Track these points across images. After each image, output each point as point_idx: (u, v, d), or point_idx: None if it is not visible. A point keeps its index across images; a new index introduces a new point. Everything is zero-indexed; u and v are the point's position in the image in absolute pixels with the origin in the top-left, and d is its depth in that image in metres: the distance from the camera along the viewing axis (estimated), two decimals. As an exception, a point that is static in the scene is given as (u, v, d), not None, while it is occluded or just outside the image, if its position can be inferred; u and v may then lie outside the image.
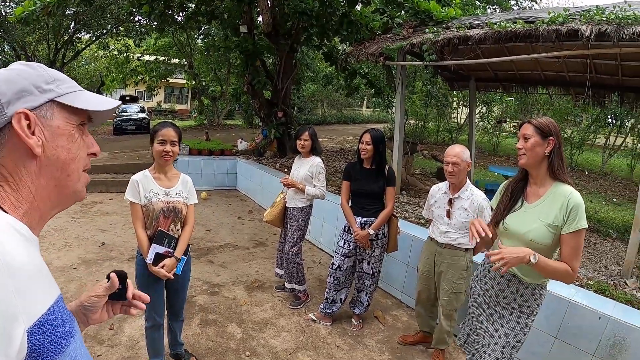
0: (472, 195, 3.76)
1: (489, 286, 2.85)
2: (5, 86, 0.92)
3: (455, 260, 3.83)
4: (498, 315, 2.81)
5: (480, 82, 9.65)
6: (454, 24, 6.39)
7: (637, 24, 4.38)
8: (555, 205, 2.54)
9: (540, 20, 5.13)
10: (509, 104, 16.55)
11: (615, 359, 3.49)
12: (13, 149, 0.93)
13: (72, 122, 1.02)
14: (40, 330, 0.84)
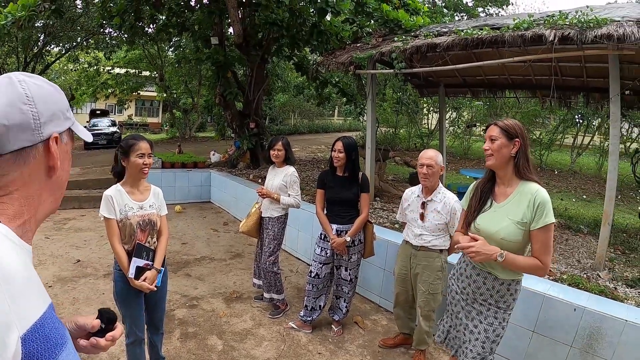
0: (445, 198, 3.86)
1: (466, 284, 2.92)
2: (42, 106, 0.98)
3: (430, 261, 3.92)
4: (476, 312, 2.88)
5: (449, 88, 9.82)
6: (422, 32, 6.52)
7: (598, 27, 4.54)
8: (523, 203, 2.63)
9: (505, 27, 5.28)
10: (478, 109, 16.84)
11: (593, 347, 3.61)
12: (36, 166, 0.99)
13: (71, 147, 1.13)
14: (34, 337, 0.84)
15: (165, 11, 10.88)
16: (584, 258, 5.44)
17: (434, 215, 3.87)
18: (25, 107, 0.94)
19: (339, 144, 4.40)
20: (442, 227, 3.85)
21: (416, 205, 4.00)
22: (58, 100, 1.03)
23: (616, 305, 3.78)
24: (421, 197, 3.97)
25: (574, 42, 4.65)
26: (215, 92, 11.60)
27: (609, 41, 4.46)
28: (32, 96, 0.96)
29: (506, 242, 2.64)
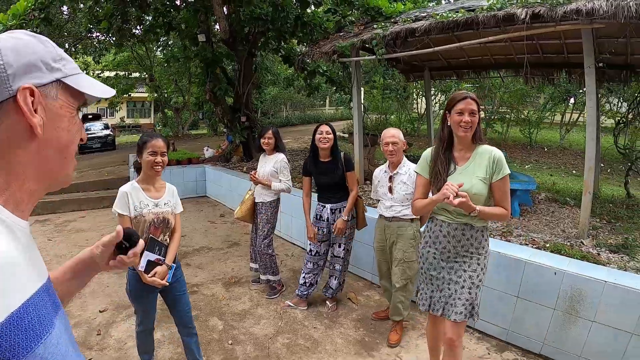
0: (409, 170, 4.14)
1: (445, 243, 3.12)
2: (12, 57, 0.87)
3: (402, 230, 4.18)
4: (459, 264, 3.11)
5: (434, 71, 9.95)
6: (402, 17, 6.66)
7: (569, 3, 4.70)
8: (484, 162, 2.96)
9: (480, 8, 5.43)
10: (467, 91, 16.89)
11: (575, 309, 3.82)
12: (11, 126, 0.88)
13: (72, 105, 0.98)
14: (8, 329, 0.77)
15: (152, 12, 10.91)
16: (568, 228, 5.62)
17: (401, 187, 4.15)
18: None
19: (326, 127, 4.64)
20: (410, 197, 4.06)
21: (384, 180, 4.30)
22: (38, 49, 0.91)
23: (596, 269, 3.97)
24: (388, 172, 4.28)
25: (545, 19, 4.82)
26: (205, 88, 11.65)
27: (578, 16, 4.62)
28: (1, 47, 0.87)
29: (477, 196, 2.92)
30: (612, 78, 7.88)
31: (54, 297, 1.00)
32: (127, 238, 1.36)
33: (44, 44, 0.94)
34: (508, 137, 15.53)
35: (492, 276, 4.27)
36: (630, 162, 7.34)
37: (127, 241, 1.36)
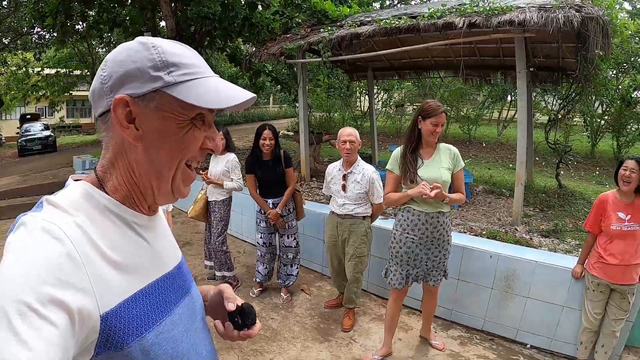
0: (363, 170, 4.39)
1: (424, 230, 3.68)
2: (114, 68, 0.89)
3: (354, 227, 4.45)
4: (435, 246, 3.76)
5: (377, 71, 10.35)
6: (347, 22, 6.97)
7: (503, 14, 5.14)
8: (445, 156, 3.66)
9: (421, 15, 5.82)
10: (409, 89, 17.50)
11: (511, 287, 4.31)
12: (116, 134, 0.92)
13: (183, 115, 0.92)
14: (117, 316, 0.84)
15: (96, 7, 10.80)
16: (504, 217, 6.10)
17: (354, 186, 4.37)
18: (101, 72, 0.91)
19: (269, 133, 4.86)
20: (363, 196, 4.38)
21: (338, 178, 4.49)
22: (139, 58, 0.88)
23: (528, 251, 4.48)
24: (342, 170, 4.46)
25: (480, 27, 5.27)
26: None
27: (511, 26, 5.07)
28: (108, 59, 0.91)
29: (445, 182, 3.57)
30: (545, 79, 8.46)
31: (181, 282, 1.09)
32: (243, 314, 1.19)
33: (148, 50, 0.90)
34: (448, 133, 16.08)
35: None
36: (560, 156, 7.89)
37: (241, 317, 1.19)
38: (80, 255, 0.79)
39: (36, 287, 0.72)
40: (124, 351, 0.85)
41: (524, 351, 4.31)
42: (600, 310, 3.75)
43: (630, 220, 3.54)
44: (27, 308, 0.69)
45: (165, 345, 0.95)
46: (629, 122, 11.66)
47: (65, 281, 0.75)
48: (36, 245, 0.76)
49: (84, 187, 0.92)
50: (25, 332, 0.68)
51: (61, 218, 0.83)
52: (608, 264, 3.61)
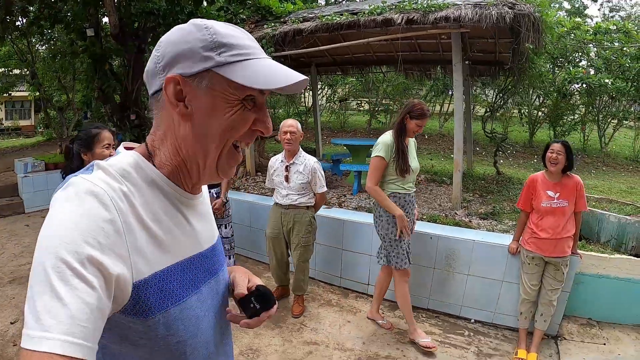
0: (305, 160, 4.54)
1: (408, 209, 4.13)
2: (167, 48, 0.91)
3: (299, 217, 4.59)
4: (411, 222, 4.18)
5: (320, 67, 10.57)
6: (291, 18, 7.14)
7: (440, 10, 5.43)
8: (412, 147, 4.18)
9: (362, 12, 6.06)
10: (353, 84, 17.82)
11: (451, 266, 4.64)
12: (166, 112, 0.95)
13: (233, 95, 0.92)
14: (148, 287, 0.88)
15: (37, 3, 10.43)
16: (444, 202, 6.43)
17: (297, 176, 4.50)
18: (155, 53, 0.93)
19: None
20: (306, 186, 4.52)
21: (281, 169, 4.59)
22: (191, 39, 0.90)
23: (467, 231, 4.81)
24: (284, 161, 4.58)
25: (417, 24, 5.56)
26: (93, 86, 11.31)
27: (447, 22, 5.36)
28: (162, 40, 0.94)
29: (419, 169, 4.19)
30: (484, 73, 8.85)
31: (212, 263, 1.12)
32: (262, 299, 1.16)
33: (200, 31, 0.91)
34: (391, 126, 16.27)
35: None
36: (497, 144, 8.30)
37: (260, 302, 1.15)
38: (122, 224, 0.83)
39: (77, 247, 0.75)
40: (147, 321, 0.89)
41: (468, 325, 4.62)
42: (536, 282, 4.04)
43: (559, 198, 3.85)
44: (65, 266, 0.73)
45: (187, 322, 0.99)
46: (565, 113, 12.31)
47: (106, 245, 0.79)
48: (82, 207, 0.80)
49: (134, 157, 0.95)
50: (62, 288, 0.71)
51: (109, 184, 0.86)
52: (540, 239, 3.91)
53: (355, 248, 5.25)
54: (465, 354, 4.12)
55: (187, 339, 0.99)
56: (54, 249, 0.74)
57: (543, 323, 4.09)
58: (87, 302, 0.73)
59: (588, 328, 4.39)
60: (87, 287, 0.74)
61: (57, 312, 0.70)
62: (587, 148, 13.01)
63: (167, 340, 0.94)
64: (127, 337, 0.91)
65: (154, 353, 0.94)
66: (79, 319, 0.72)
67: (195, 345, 1.02)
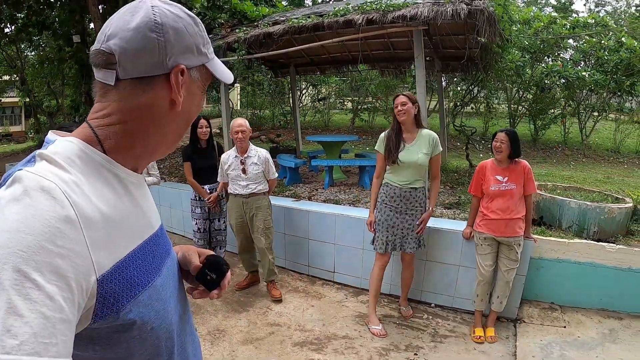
0: (258, 152, 4.97)
1: (398, 201, 4.32)
2: (174, 37, 0.93)
3: (259, 203, 4.98)
4: (409, 215, 4.34)
5: (299, 67, 10.76)
6: (262, 22, 7.36)
7: (398, 10, 5.66)
8: (425, 141, 4.21)
9: (327, 14, 6.32)
10: (337, 84, 17.96)
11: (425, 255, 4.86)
12: (156, 97, 0.94)
13: (204, 85, 1.05)
14: (113, 279, 0.84)
15: (25, 10, 10.61)
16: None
17: (253, 167, 4.91)
18: (152, 35, 0.90)
19: (204, 121, 5.35)
20: (261, 175, 4.95)
21: (236, 164, 4.94)
22: (194, 32, 0.97)
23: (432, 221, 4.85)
24: (238, 157, 4.94)
25: (376, 23, 5.82)
26: (80, 91, 11.45)
27: (404, 21, 5.59)
28: (161, 23, 0.91)
29: (421, 165, 4.20)
30: (455, 69, 9.06)
31: (164, 242, 1.10)
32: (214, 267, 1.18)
33: (198, 26, 0.99)
34: (374, 124, 16.61)
35: (342, 235, 5.27)
36: (467, 138, 8.53)
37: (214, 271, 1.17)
38: (79, 218, 0.77)
39: (33, 254, 0.69)
40: (119, 315, 0.85)
41: (428, 310, 4.87)
42: (490, 262, 4.26)
43: (507, 181, 4.11)
44: (22, 277, 0.67)
45: (157, 305, 0.96)
46: (546, 107, 12.53)
47: (64, 247, 0.73)
48: (33, 206, 0.73)
49: (76, 144, 0.90)
50: (20, 303, 0.66)
51: (59, 175, 0.80)
52: (491, 219, 4.17)
53: (320, 237, 5.51)
54: (421, 335, 4.36)
55: (160, 324, 0.98)
56: (6, 258, 0.68)
57: (499, 305, 4.30)
58: (50, 316, 0.68)
59: (550, 312, 4.57)
60: (48, 300, 0.69)
61: (17, 330, 0.64)
62: (568, 141, 13.12)
63: (141, 330, 0.92)
64: (98, 340, 0.87)
65: (131, 348, 0.92)
66: (42, 335, 0.67)
67: (166, 328, 1.01)
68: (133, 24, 0.89)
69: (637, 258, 4.36)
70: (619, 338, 4.10)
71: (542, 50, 11.59)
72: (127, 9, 0.93)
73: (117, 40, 0.89)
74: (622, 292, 4.47)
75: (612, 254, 4.41)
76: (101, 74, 0.92)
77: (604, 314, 4.49)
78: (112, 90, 0.93)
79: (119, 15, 0.93)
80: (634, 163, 11.37)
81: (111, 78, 0.91)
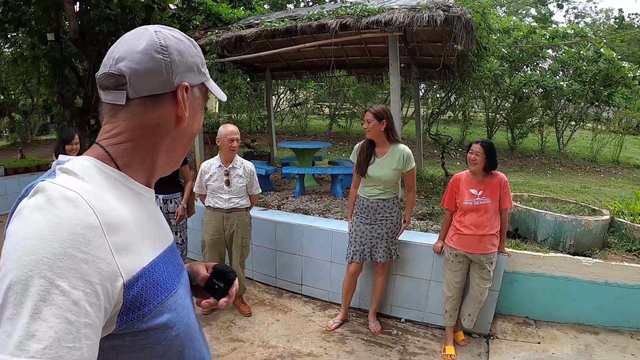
0: (243, 164, 4.67)
1: (367, 212, 4.29)
2: (178, 57, 1.00)
3: (241, 219, 4.69)
4: (378, 225, 4.29)
5: (275, 71, 10.58)
6: (238, 24, 7.16)
7: (373, 15, 5.53)
8: (396, 157, 4.13)
9: (300, 18, 6.16)
10: (315, 89, 17.88)
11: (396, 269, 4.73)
12: (164, 114, 1.00)
13: (203, 103, 1.12)
14: (139, 283, 0.87)
15: (1, 5, 10.34)
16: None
17: (237, 180, 4.58)
18: (159, 56, 0.96)
19: None
20: (244, 189, 4.63)
21: (219, 175, 4.58)
22: (194, 54, 1.05)
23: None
24: (223, 167, 4.58)
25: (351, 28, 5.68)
26: (53, 90, 11.13)
27: (378, 26, 5.47)
28: (166, 45, 0.98)
29: (387, 181, 4.17)
30: (433, 76, 8.96)
31: (178, 258, 1.14)
32: (221, 276, 1.21)
33: (197, 48, 1.08)
34: (351, 130, 16.58)
35: (310, 247, 5.12)
36: (442, 146, 8.45)
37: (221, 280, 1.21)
38: (102, 225, 0.80)
39: (59, 260, 0.72)
40: (144, 320, 0.88)
41: (398, 325, 4.72)
42: (459, 279, 4.12)
43: (482, 195, 3.95)
44: (50, 284, 0.70)
45: (182, 312, 1.00)
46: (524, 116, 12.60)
47: (89, 253, 0.76)
48: (57, 215, 0.76)
49: (91, 161, 0.94)
50: (44, 308, 0.68)
51: (80, 185, 0.84)
52: (463, 234, 4.00)
53: (288, 249, 5.34)
54: (389, 353, 4.21)
55: (184, 331, 1.00)
56: (32, 265, 0.70)
57: (470, 322, 4.20)
58: (74, 321, 0.71)
59: (524, 327, 4.47)
60: (72, 305, 0.71)
61: (42, 335, 0.67)
62: (545, 150, 13.23)
63: (165, 335, 0.94)
64: (123, 346, 0.88)
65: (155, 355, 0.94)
66: (66, 340, 0.69)
67: (190, 337, 1.04)
68: (140, 47, 0.96)
69: (614, 272, 4.30)
70: (595, 354, 4.02)
71: (521, 59, 11.62)
72: (132, 35, 1.00)
73: (127, 62, 0.95)
74: (598, 307, 4.41)
75: (588, 268, 4.34)
76: (111, 95, 0.97)
77: (580, 328, 4.42)
78: (122, 110, 0.98)
79: (124, 40, 0.99)
80: (610, 172, 11.50)
81: (122, 98, 0.96)
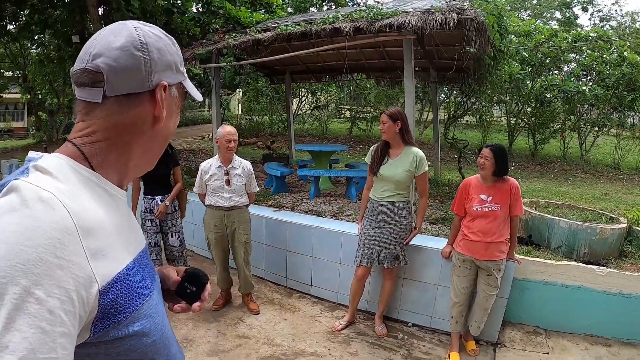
0: (242, 164, 4.77)
1: (377, 215, 4.31)
2: (157, 55, 0.97)
3: (242, 216, 4.81)
4: (387, 229, 4.28)
5: (295, 74, 10.64)
6: (253, 29, 7.22)
7: (387, 19, 5.54)
8: (409, 159, 4.15)
9: (315, 22, 6.22)
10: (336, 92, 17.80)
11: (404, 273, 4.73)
12: (140, 113, 0.97)
13: (180, 102, 1.09)
14: (115, 289, 0.84)
15: (28, 8, 10.59)
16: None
17: (237, 179, 4.69)
18: (138, 54, 0.93)
19: None
20: (243, 187, 4.74)
21: (219, 175, 4.67)
22: (173, 52, 1.02)
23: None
24: (222, 167, 4.67)
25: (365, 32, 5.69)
26: None
27: (391, 29, 5.47)
28: (146, 43, 0.95)
29: (399, 182, 4.17)
30: (451, 80, 8.93)
31: (150, 262, 1.10)
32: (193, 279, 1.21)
33: (176, 47, 1.05)
34: (372, 133, 16.50)
35: (320, 248, 5.15)
36: (459, 151, 8.41)
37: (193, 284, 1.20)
38: (77, 229, 0.77)
39: (33, 267, 0.69)
40: (119, 327, 0.85)
41: (405, 329, 4.71)
42: (466, 285, 4.08)
43: (491, 201, 3.89)
44: (24, 292, 0.67)
45: (156, 318, 0.97)
46: (547, 121, 12.38)
47: (64, 258, 0.73)
48: (32, 217, 0.73)
49: (64, 160, 0.90)
50: (18, 317, 0.66)
51: (55, 185, 0.80)
52: (471, 241, 3.96)
53: (299, 250, 5.38)
54: (393, 356, 4.20)
55: (159, 337, 0.98)
56: (4, 272, 0.67)
57: (477, 330, 4.15)
58: (49, 331, 0.68)
59: (533, 336, 4.41)
60: (47, 314, 0.69)
61: (16, 346, 0.64)
62: (567, 156, 13.00)
63: (141, 342, 0.91)
64: (98, 354, 0.85)
65: None
66: (41, 351, 0.67)
67: (165, 343, 1.02)
68: (118, 43, 0.92)
69: (629, 283, 4.21)
70: (605, 367, 3.91)
71: (543, 63, 11.49)
72: (110, 30, 0.95)
73: (104, 58, 0.91)
74: (611, 318, 4.30)
75: (602, 278, 4.25)
76: (85, 92, 0.94)
77: (592, 339, 4.33)
78: (98, 108, 0.94)
79: (101, 36, 0.95)
80: (634, 180, 11.24)
81: (98, 96, 0.93)
